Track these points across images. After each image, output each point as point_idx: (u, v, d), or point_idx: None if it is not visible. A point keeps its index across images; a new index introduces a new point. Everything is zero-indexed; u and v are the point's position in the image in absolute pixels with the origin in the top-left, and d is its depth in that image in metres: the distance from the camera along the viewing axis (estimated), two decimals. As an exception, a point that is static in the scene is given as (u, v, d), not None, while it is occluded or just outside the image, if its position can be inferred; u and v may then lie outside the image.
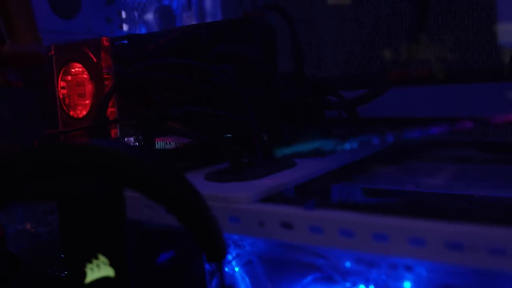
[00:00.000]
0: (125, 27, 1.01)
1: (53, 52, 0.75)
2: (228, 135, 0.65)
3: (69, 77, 0.78)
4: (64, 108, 0.78)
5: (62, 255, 0.41)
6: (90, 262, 0.41)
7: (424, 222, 0.39)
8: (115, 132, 0.73)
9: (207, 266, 0.72)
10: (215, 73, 0.66)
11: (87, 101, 0.76)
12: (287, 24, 0.72)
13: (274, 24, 0.70)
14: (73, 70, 0.78)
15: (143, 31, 1.04)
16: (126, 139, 0.73)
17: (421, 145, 0.87)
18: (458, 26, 0.86)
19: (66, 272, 0.41)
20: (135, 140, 0.66)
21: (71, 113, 0.78)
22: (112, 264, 0.41)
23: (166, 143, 0.68)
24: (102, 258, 0.41)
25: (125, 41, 0.77)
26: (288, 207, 0.45)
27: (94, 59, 0.72)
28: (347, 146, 0.73)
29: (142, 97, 0.72)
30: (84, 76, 0.76)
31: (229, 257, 0.68)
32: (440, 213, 0.39)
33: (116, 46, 0.74)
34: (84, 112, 0.76)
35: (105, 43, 0.72)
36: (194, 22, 1.12)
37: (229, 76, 0.65)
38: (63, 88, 0.79)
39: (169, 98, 0.72)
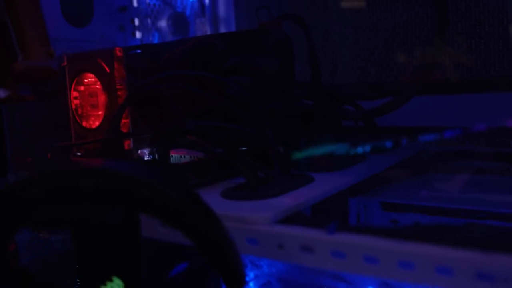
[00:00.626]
0: (138, 35, 1.00)
1: (65, 63, 0.74)
2: (244, 148, 0.64)
3: (82, 87, 0.77)
4: (77, 118, 0.77)
5: (77, 279, 0.40)
6: (105, 285, 0.40)
7: (452, 250, 0.37)
8: (128, 143, 0.72)
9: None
10: (229, 85, 0.64)
11: (100, 112, 0.75)
12: (303, 32, 0.71)
13: (288, 31, 0.68)
14: (85, 81, 0.76)
15: (156, 38, 1.03)
16: (139, 151, 0.72)
17: (440, 155, 0.85)
18: (478, 33, 0.84)
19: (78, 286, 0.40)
20: (150, 154, 0.65)
21: (84, 123, 0.77)
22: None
23: (181, 156, 0.67)
24: (117, 281, 0.40)
25: (139, 51, 0.76)
26: (308, 230, 0.44)
27: (107, 70, 0.71)
28: (360, 150, 0.72)
29: (156, 108, 0.71)
30: (97, 86, 0.75)
31: (247, 278, 0.66)
32: (470, 240, 0.37)
33: (129, 55, 0.73)
34: (97, 123, 0.75)
35: (118, 53, 0.71)
36: (207, 29, 1.11)
37: (244, 88, 0.64)
38: (75, 98, 0.78)
39: (183, 109, 0.71)
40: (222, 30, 1.13)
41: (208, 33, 1.12)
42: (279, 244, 0.44)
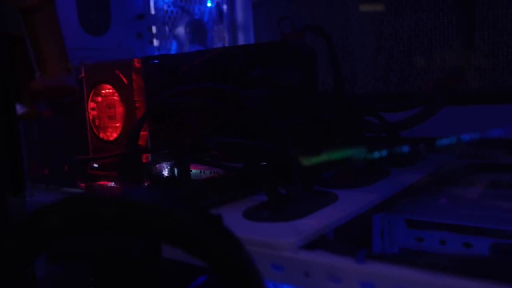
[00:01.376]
0: (155, 42, 0.98)
1: (83, 75, 0.73)
2: (264, 164, 0.62)
3: (99, 98, 0.76)
4: (94, 130, 0.76)
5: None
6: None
7: (491, 285, 0.35)
8: (146, 157, 0.70)
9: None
10: (249, 98, 0.62)
11: (118, 124, 0.74)
12: (325, 43, 0.69)
13: (308, 39, 0.66)
14: (103, 92, 0.75)
15: (174, 46, 1.01)
16: (157, 164, 0.71)
17: (466, 168, 0.82)
18: (506, 42, 0.82)
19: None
20: (169, 170, 0.64)
21: (101, 135, 0.76)
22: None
23: (201, 172, 0.65)
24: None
25: (156, 61, 0.74)
26: (336, 257, 0.42)
27: (125, 81, 0.70)
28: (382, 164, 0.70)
29: (174, 121, 0.69)
30: (115, 98, 0.73)
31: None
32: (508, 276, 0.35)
33: (147, 66, 0.71)
34: (115, 135, 0.74)
35: (137, 64, 0.70)
36: (225, 36, 1.09)
37: (264, 101, 0.62)
38: (93, 109, 0.77)
39: (202, 122, 0.69)
40: (240, 37, 1.11)
41: (226, 40, 1.11)
42: (305, 272, 0.43)
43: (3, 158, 0.52)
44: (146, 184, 0.62)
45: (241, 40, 1.11)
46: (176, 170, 0.62)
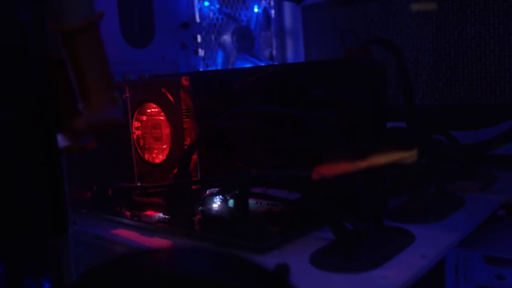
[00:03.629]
0: (200, 52, 0.93)
1: (127, 94, 0.68)
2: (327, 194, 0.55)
3: (144, 118, 0.71)
4: (139, 151, 0.71)
5: None
6: None
7: None
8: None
9: None
10: (311, 121, 0.56)
11: (164, 146, 0.68)
12: (393, 55, 0.62)
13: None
14: (148, 111, 0.70)
15: (220, 55, 0.95)
16: (208, 191, 0.65)
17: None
18: None
19: None
20: (224, 202, 0.58)
21: (146, 156, 0.70)
22: None
23: (257, 203, 0.59)
24: None
25: (205, 77, 0.69)
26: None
27: (173, 101, 0.64)
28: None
29: (226, 143, 0.64)
30: (161, 118, 0.68)
31: None
32: None
33: (196, 84, 0.65)
34: (161, 157, 0.69)
35: (185, 82, 0.64)
36: (273, 42, 1.03)
37: (329, 125, 0.56)
38: (137, 128, 0.71)
39: (255, 145, 0.63)
40: (289, 43, 1.05)
41: (274, 47, 1.05)
42: None
43: (44, 196, 0.48)
44: (198, 218, 0.57)
45: (290, 47, 1.05)
46: (231, 202, 0.57)
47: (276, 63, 1.06)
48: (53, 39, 0.47)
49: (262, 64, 0.98)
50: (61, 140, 0.47)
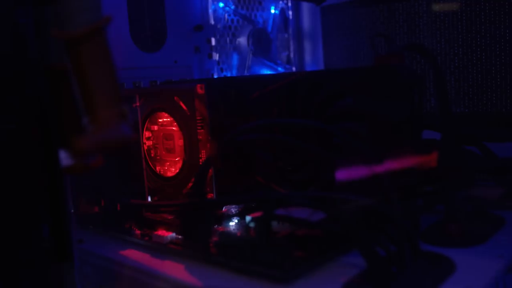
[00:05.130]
0: (214, 56, 0.88)
1: (137, 104, 0.63)
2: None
3: (156, 127, 0.66)
4: (150, 163, 0.66)
5: None
6: None
7: None
8: (211, 197, 0.60)
9: None
10: (338, 134, 0.51)
11: (177, 158, 0.64)
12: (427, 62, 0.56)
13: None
14: (160, 120, 0.65)
15: (235, 59, 0.90)
16: (224, 207, 0.60)
17: None
18: None
19: None
20: (243, 221, 0.53)
21: (158, 168, 0.66)
22: None
23: (278, 223, 0.54)
24: None
25: (221, 85, 0.64)
26: None
27: (187, 111, 0.59)
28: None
29: (245, 157, 0.59)
30: (173, 128, 0.63)
31: None
32: None
33: (211, 92, 0.60)
34: (174, 170, 0.64)
35: (200, 91, 0.59)
36: (291, 45, 0.98)
37: (357, 138, 0.51)
38: (148, 139, 0.67)
39: (276, 158, 0.58)
40: (307, 46, 0.99)
41: (292, 50, 0.99)
42: None
43: (45, 220, 0.43)
44: (214, 241, 0.52)
45: (308, 50, 0.99)
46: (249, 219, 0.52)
47: (293, 68, 1.01)
48: (56, 47, 0.43)
49: (280, 68, 0.94)
50: (64, 158, 0.43)
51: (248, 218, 0.51)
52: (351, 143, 0.50)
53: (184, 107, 0.60)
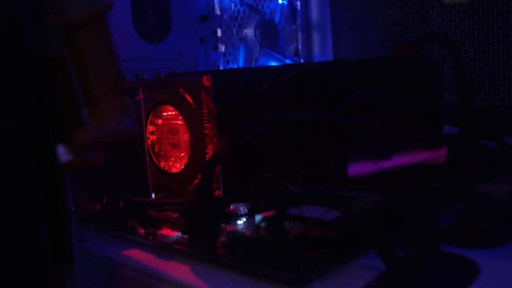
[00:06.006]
0: (220, 47, 0.85)
1: (141, 96, 0.60)
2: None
3: (160, 121, 0.63)
4: (154, 158, 0.64)
5: None
6: None
7: None
8: (218, 195, 0.57)
9: None
10: (352, 128, 0.48)
11: (182, 153, 0.61)
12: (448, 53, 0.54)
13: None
14: (164, 114, 0.63)
15: (242, 50, 0.88)
16: (231, 205, 0.57)
17: None
18: None
19: None
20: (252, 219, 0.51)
21: (162, 164, 0.63)
22: None
23: (290, 222, 0.51)
24: None
25: (228, 76, 0.61)
26: None
27: (193, 104, 0.57)
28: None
29: (254, 153, 0.56)
30: (178, 122, 0.61)
31: None
32: None
33: (218, 84, 0.58)
34: (179, 166, 0.61)
35: (206, 83, 0.56)
36: (299, 37, 0.95)
37: (373, 132, 0.48)
38: (152, 133, 0.64)
39: (286, 154, 0.56)
40: (316, 37, 0.97)
41: (300, 41, 0.96)
42: None
43: (44, 220, 0.40)
44: (222, 241, 0.49)
45: (316, 42, 0.96)
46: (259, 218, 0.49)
47: (301, 60, 0.98)
48: (54, 34, 0.40)
49: (287, 60, 0.91)
50: (63, 154, 0.40)
51: (258, 217, 0.48)
52: (366, 138, 0.48)
53: (190, 100, 0.57)
